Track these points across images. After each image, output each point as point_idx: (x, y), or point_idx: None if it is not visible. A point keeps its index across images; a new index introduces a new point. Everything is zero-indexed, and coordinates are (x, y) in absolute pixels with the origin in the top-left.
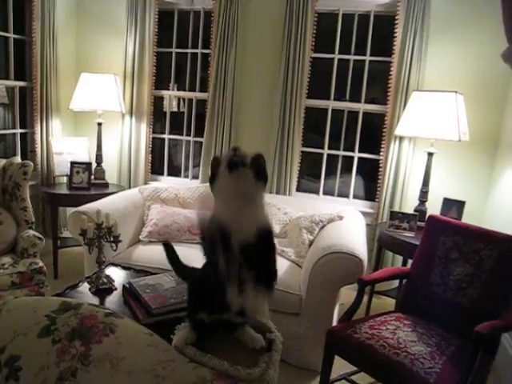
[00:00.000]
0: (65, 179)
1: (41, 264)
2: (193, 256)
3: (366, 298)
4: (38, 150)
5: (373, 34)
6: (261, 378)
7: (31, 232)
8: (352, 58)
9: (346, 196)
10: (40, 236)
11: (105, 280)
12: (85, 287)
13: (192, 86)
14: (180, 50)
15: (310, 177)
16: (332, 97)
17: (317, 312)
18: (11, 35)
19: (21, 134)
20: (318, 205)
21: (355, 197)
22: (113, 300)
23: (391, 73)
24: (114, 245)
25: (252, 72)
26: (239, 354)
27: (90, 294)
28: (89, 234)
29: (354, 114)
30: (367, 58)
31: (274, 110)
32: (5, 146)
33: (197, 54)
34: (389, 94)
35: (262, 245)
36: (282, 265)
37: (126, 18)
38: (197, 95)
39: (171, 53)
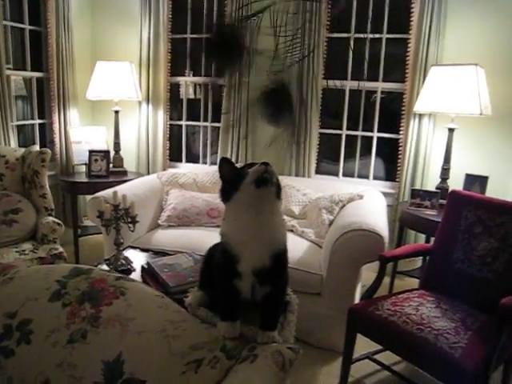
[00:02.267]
0: (84, 168)
1: (61, 249)
2: (211, 239)
3: (388, 279)
4: (57, 139)
5: (389, 10)
6: (275, 339)
7: (50, 218)
8: (368, 36)
9: (366, 177)
10: (59, 222)
11: (123, 261)
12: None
13: (208, 71)
14: (195, 36)
15: (328, 159)
16: (349, 77)
17: (338, 291)
18: (27, 26)
19: (40, 124)
20: (338, 186)
21: (375, 178)
22: None
23: (409, 49)
24: (131, 226)
25: (267, 53)
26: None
27: None
28: (106, 216)
29: (371, 94)
30: (384, 35)
31: (292, 92)
32: (24, 137)
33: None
34: (407, 71)
35: (276, 266)
36: (301, 245)
37: (139, 5)
38: (214, 80)
39: (186, 39)
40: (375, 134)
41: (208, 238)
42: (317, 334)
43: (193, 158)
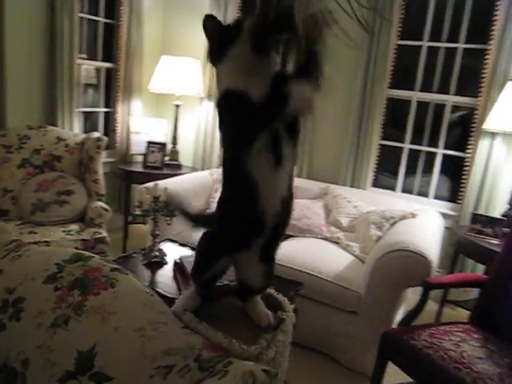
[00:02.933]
0: (141, 158)
1: (104, 234)
2: None
3: (435, 306)
4: (119, 128)
5: (469, 17)
6: (257, 357)
7: (99, 203)
8: (443, 45)
9: (426, 195)
10: (106, 207)
11: (157, 253)
12: (138, 259)
13: None
14: None
15: (388, 172)
16: (418, 87)
17: (375, 313)
18: (101, 19)
19: (106, 112)
20: (393, 202)
21: (436, 197)
22: (162, 273)
23: (486, 61)
24: (168, 219)
25: (331, 58)
26: (242, 328)
27: (141, 265)
28: (144, 206)
29: (440, 107)
30: (460, 45)
31: (354, 99)
32: (91, 124)
33: None
34: (482, 85)
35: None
36: (344, 259)
37: (209, 2)
38: None
39: None
40: (440, 151)
41: None
42: (348, 353)
43: None
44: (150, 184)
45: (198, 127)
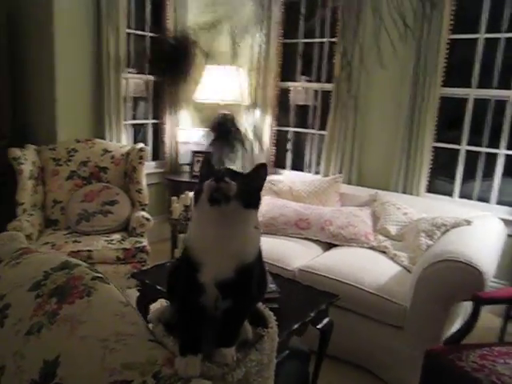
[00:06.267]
0: (189, 168)
1: (145, 243)
2: (294, 251)
3: (498, 322)
4: (167, 139)
5: None
6: (223, 377)
7: (142, 213)
8: (503, 36)
9: (487, 201)
10: (148, 217)
11: None
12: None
13: (318, 77)
14: (307, 40)
15: (444, 177)
16: (475, 84)
17: (423, 328)
18: (147, 33)
19: (155, 124)
20: (448, 208)
21: (500, 202)
22: None
23: None
24: None
25: (379, 59)
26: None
27: None
28: (174, 215)
29: (501, 104)
30: None
31: (403, 101)
32: (143, 136)
33: (323, 43)
34: None
35: (241, 280)
36: (390, 270)
37: (253, 10)
38: (323, 86)
39: (297, 43)
40: (502, 151)
41: (291, 248)
42: (392, 371)
43: (299, 166)
44: (189, 192)
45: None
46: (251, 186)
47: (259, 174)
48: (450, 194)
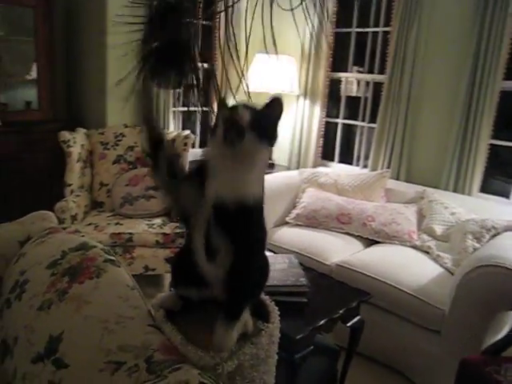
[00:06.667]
0: None
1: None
2: (334, 245)
3: None
4: None
5: None
6: (214, 367)
7: None
8: None
9: None
10: None
11: None
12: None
13: (371, 68)
14: (360, 30)
15: (502, 176)
16: None
17: (461, 335)
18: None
19: (205, 112)
20: (502, 210)
21: None
22: None
23: None
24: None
25: (435, 51)
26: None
27: None
28: None
29: None
30: None
31: (459, 94)
32: (193, 123)
33: (377, 33)
34: None
35: (238, 218)
36: (431, 271)
37: None
38: (375, 78)
39: (350, 33)
40: None
41: (330, 243)
42: (424, 374)
43: (347, 159)
44: None
45: (293, 126)
46: (266, 119)
47: (274, 107)
48: (506, 195)
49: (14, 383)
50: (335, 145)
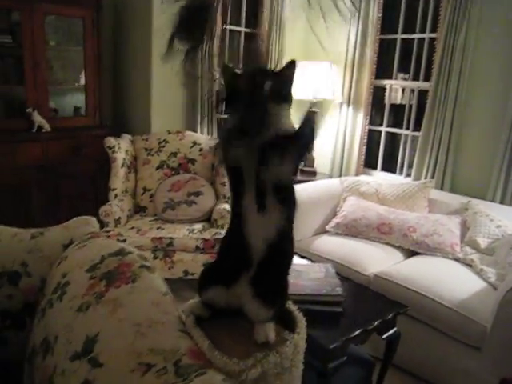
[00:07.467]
0: None
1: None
2: (373, 256)
3: None
4: None
5: None
6: (239, 374)
7: (224, 205)
8: None
9: None
10: (229, 209)
11: None
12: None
13: (416, 75)
14: (405, 36)
15: None
16: None
17: (503, 353)
18: (242, 29)
19: None
20: None
21: None
22: None
23: None
24: None
25: (483, 58)
26: (242, 342)
27: None
28: None
29: None
30: None
31: (508, 104)
32: None
33: (423, 39)
34: None
35: (278, 145)
36: (473, 285)
37: (350, 4)
38: (420, 85)
39: (396, 39)
40: None
41: (370, 253)
42: None
43: (390, 167)
44: None
45: (336, 133)
46: (283, 84)
47: (290, 70)
48: None
49: (54, 378)
50: (378, 153)
